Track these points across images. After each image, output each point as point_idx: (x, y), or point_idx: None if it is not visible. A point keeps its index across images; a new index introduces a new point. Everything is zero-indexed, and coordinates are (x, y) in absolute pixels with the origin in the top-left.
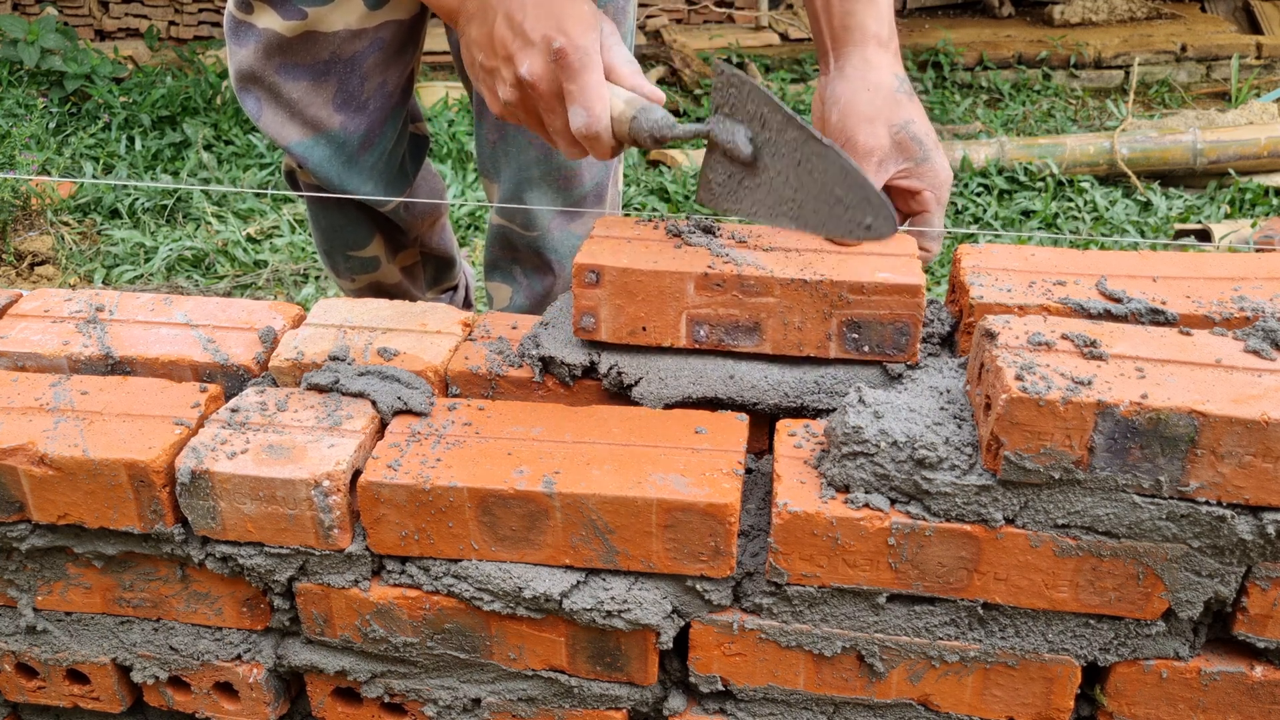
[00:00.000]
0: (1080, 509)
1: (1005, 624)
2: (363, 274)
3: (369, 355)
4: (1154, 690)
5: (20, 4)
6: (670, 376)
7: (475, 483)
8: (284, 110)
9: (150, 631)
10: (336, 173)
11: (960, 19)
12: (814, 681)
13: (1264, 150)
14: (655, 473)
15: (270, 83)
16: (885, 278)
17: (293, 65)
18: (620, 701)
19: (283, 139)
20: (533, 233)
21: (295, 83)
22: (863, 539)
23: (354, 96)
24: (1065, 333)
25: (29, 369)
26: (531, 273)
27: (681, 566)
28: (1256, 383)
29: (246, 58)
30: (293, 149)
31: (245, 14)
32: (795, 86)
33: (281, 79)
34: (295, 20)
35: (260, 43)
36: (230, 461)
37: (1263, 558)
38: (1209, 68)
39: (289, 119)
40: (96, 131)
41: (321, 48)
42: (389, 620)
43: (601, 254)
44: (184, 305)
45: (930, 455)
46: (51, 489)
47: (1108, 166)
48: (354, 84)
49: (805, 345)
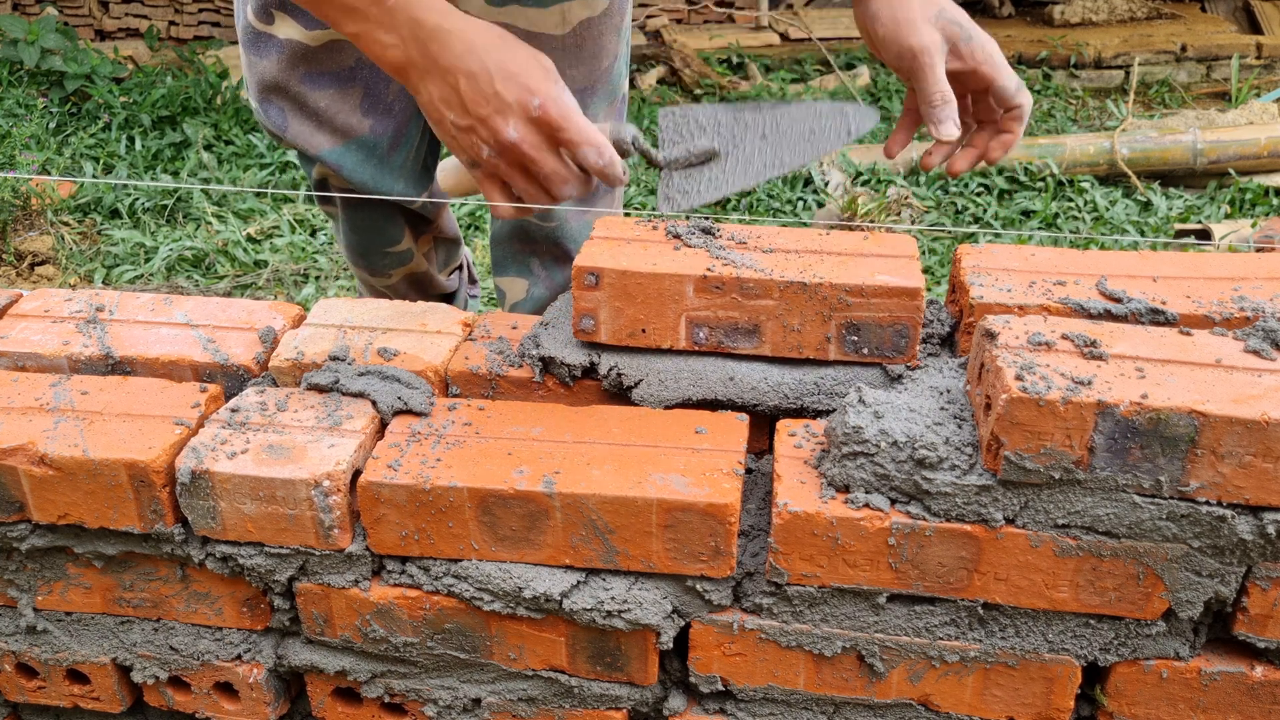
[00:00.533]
0: (1080, 509)
1: (1005, 624)
2: (399, 268)
3: (369, 355)
4: (1154, 690)
5: (20, 4)
6: (670, 378)
7: (475, 483)
8: (311, 120)
9: (150, 631)
10: (371, 175)
11: None
12: (814, 681)
13: (1264, 150)
14: (655, 473)
15: (295, 93)
16: (884, 280)
17: (318, 74)
18: (620, 701)
19: (313, 148)
20: (550, 223)
21: (321, 91)
22: (863, 539)
23: (380, 100)
24: (1065, 333)
25: (29, 369)
26: (551, 264)
27: (681, 566)
28: (1256, 383)
29: (269, 69)
30: (325, 158)
31: (266, 24)
32: (795, 86)
33: (307, 89)
34: (319, 29)
35: (284, 54)
36: (230, 461)
37: (1263, 558)
38: (1209, 68)
39: (318, 128)
40: (96, 131)
41: (346, 55)
42: (389, 620)
43: (601, 256)
44: (184, 305)
45: (930, 455)
46: (51, 489)
47: (1108, 166)
48: (379, 88)
49: (805, 347)
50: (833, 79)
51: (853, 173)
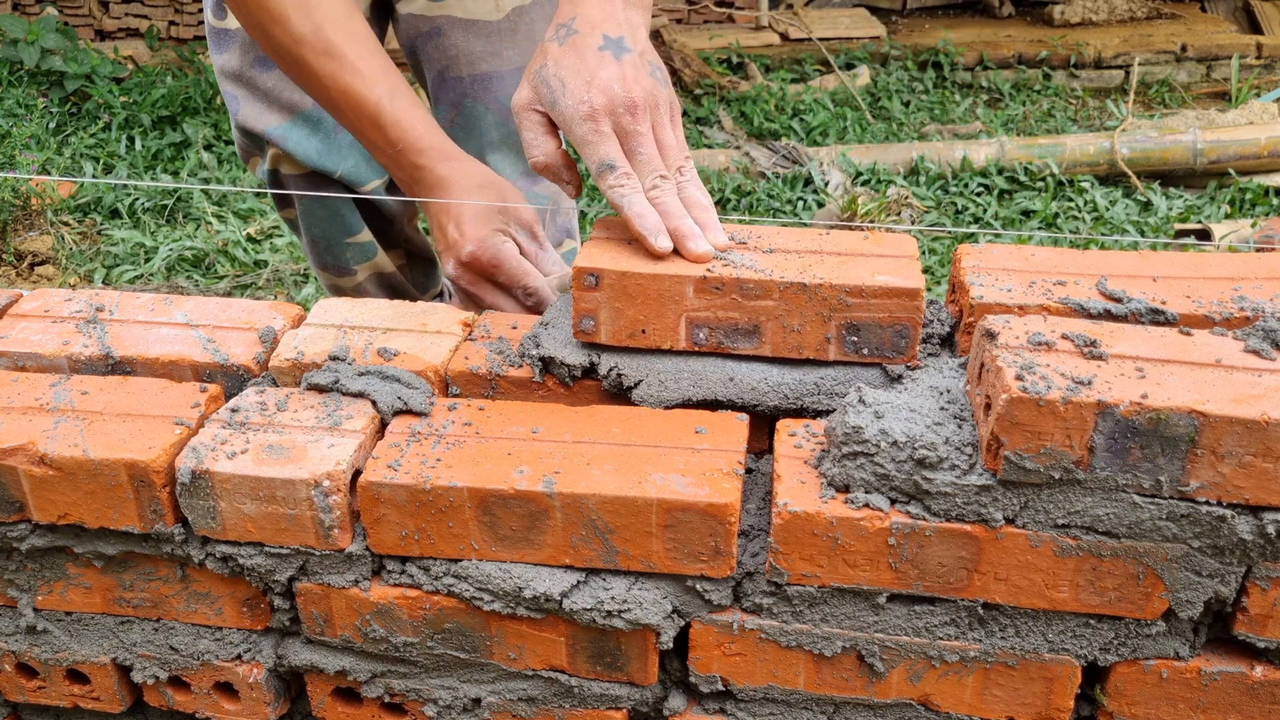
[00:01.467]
0: (1080, 509)
1: (1005, 624)
2: (363, 262)
3: (369, 355)
4: (1154, 690)
5: (20, 4)
6: (670, 379)
7: (475, 483)
8: (260, 100)
9: (150, 631)
10: (316, 149)
11: (960, 19)
12: (814, 681)
13: (1264, 150)
14: (655, 473)
15: (248, 78)
16: (884, 280)
17: (265, 57)
18: (620, 701)
19: (261, 125)
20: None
21: (269, 72)
22: (863, 539)
23: None
24: (1065, 332)
25: (29, 369)
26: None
27: (681, 566)
28: (1256, 383)
29: (228, 61)
30: (271, 133)
31: (220, 20)
32: (795, 86)
33: (257, 71)
34: None
35: (238, 44)
36: (230, 461)
37: (1263, 557)
38: (1209, 68)
39: (266, 108)
40: (96, 131)
41: None
42: (389, 620)
43: (600, 257)
44: (184, 305)
45: (930, 455)
46: (51, 489)
47: (1108, 166)
48: None
49: (805, 348)
50: (833, 79)
51: (853, 173)
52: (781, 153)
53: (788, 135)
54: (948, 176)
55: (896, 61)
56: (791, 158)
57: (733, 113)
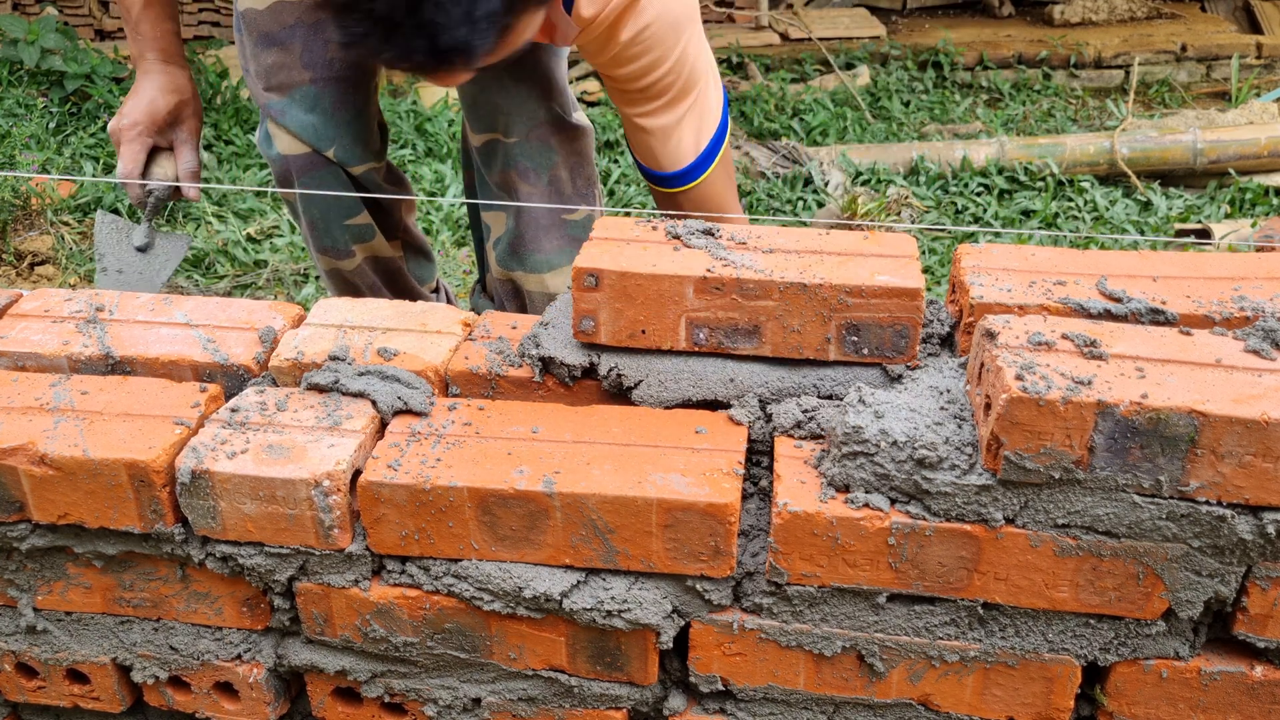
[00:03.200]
0: (1080, 509)
1: (1005, 624)
2: (360, 243)
3: (369, 355)
4: (1154, 690)
5: (20, 4)
6: (670, 379)
7: (475, 482)
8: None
9: (150, 631)
10: (313, 125)
11: (960, 19)
12: (814, 681)
13: (1264, 150)
14: (655, 473)
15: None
16: (884, 281)
17: (264, 35)
18: (620, 701)
19: (261, 100)
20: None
21: (269, 50)
22: (863, 539)
23: (318, 55)
24: (1065, 332)
25: (29, 369)
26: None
27: (681, 566)
28: (1256, 382)
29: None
30: (271, 106)
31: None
32: (795, 86)
33: (261, 49)
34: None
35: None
36: (230, 461)
37: (1263, 557)
38: (1209, 67)
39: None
40: (96, 131)
41: (287, 14)
42: (389, 620)
43: (601, 257)
44: (184, 305)
45: (930, 455)
46: (51, 489)
47: (1108, 166)
48: (316, 45)
49: (805, 348)
50: (833, 79)
51: (853, 173)
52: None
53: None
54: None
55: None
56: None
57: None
